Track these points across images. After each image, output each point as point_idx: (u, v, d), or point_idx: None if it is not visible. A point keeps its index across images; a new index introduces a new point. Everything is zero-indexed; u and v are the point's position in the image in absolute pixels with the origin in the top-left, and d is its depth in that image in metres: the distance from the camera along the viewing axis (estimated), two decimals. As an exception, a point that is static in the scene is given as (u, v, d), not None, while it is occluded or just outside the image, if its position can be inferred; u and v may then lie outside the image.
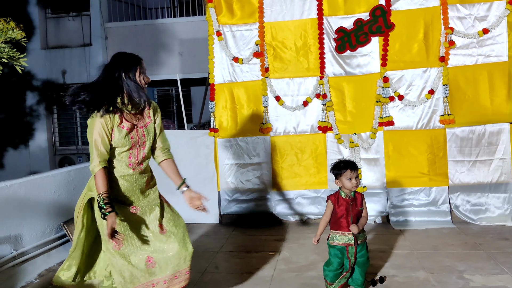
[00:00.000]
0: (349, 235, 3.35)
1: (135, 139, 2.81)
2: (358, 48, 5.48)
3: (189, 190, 3.10)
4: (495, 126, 5.28)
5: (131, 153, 2.83)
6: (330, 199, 3.43)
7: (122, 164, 2.82)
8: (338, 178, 3.40)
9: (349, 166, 3.37)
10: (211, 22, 5.70)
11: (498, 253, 4.28)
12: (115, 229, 2.62)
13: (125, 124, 2.77)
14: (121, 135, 2.75)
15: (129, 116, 2.81)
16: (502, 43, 5.24)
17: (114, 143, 2.77)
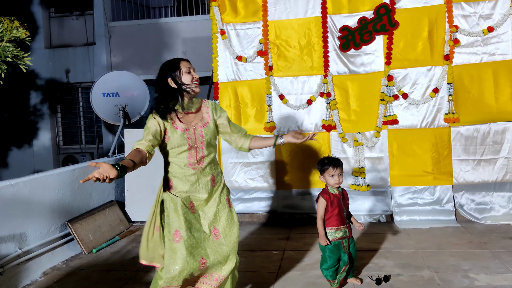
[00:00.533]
0: (344, 228, 3.44)
1: (192, 139, 2.85)
2: (362, 46, 5.47)
3: (285, 135, 3.05)
4: (500, 125, 5.25)
5: (190, 153, 2.85)
6: (323, 196, 3.45)
7: (182, 164, 2.86)
8: (322, 174, 3.46)
9: (332, 163, 3.41)
10: (215, 21, 5.70)
11: (503, 252, 4.26)
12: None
13: (179, 125, 2.83)
14: (177, 135, 2.82)
15: (184, 118, 2.88)
16: (507, 42, 5.21)
17: (171, 144, 2.84)
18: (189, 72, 2.85)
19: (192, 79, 2.85)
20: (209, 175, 2.94)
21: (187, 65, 2.87)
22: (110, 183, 2.51)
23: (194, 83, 2.86)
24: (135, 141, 2.79)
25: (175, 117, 2.84)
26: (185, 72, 2.84)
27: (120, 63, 11.75)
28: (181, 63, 2.86)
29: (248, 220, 5.83)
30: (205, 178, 2.91)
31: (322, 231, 3.42)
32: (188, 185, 2.86)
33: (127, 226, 5.79)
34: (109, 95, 6.71)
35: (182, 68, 2.84)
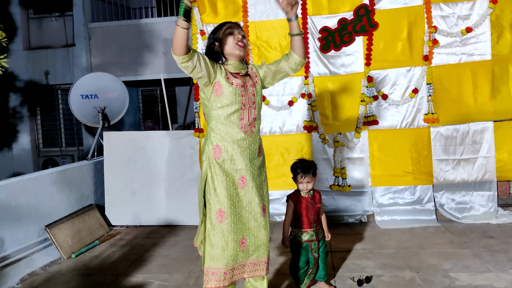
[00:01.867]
0: (311, 232, 3.44)
1: (246, 97, 2.67)
2: (342, 47, 5.48)
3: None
4: (479, 125, 5.30)
5: (242, 114, 2.66)
6: (291, 198, 3.48)
7: (234, 127, 2.64)
8: (294, 180, 3.51)
9: (302, 170, 3.42)
10: (194, 22, 5.65)
11: (484, 251, 4.30)
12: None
13: (234, 80, 2.66)
14: (231, 90, 2.63)
15: (236, 76, 2.72)
16: (485, 42, 5.27)
17: (222, 100, 2.63)
18: (231, 33, 2.69)
19: (234, 41, 2.68)
20: (258, 142, 2.81)
21: (232, 27, 2.73)
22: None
23: (237, 44, 2.68)
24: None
25: (229, 72, 2.68)
26: (227, 34, 2.69)
27: (100, 64, 11.61)
28: (229, 26, 2.72)
29: (230, 222, 5.78)
30: (255, 146, 2.77)
31: (286, 233, 3.47)
32: (239, 151, 2.66)
33: (107, 230, 5.71)
34: (88, 97, 6.61)
35: (226, 31, 2.69)
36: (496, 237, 4.68)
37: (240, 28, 2.77)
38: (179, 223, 5.82)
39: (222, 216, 2.64)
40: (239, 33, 2.72)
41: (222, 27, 2.72)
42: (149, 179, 5.85)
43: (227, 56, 2.72)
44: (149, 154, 5.84)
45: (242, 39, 2.70)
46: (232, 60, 2.73)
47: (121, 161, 5.88)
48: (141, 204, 5.87)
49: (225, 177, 2.66)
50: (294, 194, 3.51)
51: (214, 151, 2.66)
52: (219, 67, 2.64)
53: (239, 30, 2.74)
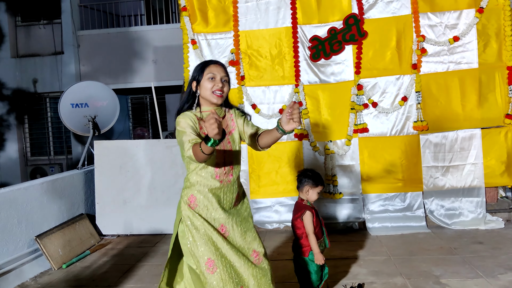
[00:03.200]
0: (321, 242, 3.38)
1: (220, 147, 2.53)
2: (332, 56, 5.53)
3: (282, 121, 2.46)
4: (467, 132, 5.39)
5: (217, 166, 2.53)
6: (309, 210, 3.32)
7: (208, 176, 2.53)
8: (310, 188, 3.33)
9: (316, 180, 3.34)
10: (185, 31, 5.67)
11: (473, 257, 4.35)
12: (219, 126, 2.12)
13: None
14: None
15: None
16: (472, 51, 5.37)
17: None
18: (212, 78, 2.52)
19: (212, 88, 2.52)
20: (236, 191, 2.65)
21: (214, 70, 2.54)
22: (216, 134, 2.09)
23: (214, 93, 2.52)
24: (186, 152, 2.35)
25: (202, 121, 2.52)
26: (208, 79, 2.52)
27: (89, 72, 11.57)
28: (209, 67, 2.55)
29: (222, 230, 5.78)
30: (231, 195, 2.62)
31: (316, 247, 3.26)
32: (214, 200, 2.53)
33: (98, 239, 5.67)
34: (78, 106, 6.58)
35: (207, 73, 2.53)
36: (485, 243, 4.74)
37: (224, 71, 2.59)
38: (170, 232, 5.79)
39: (213, 265, 2.45)
40: (222, 79, 2.55)
41: (205, 67, 2.56)
42: (140, 187, 5.83)
43: (202, 100, 2.59)
44: (140, 163, 5.83)
45: (222, 88, 2.54)
46: (207, 106, 2.58)
47: (112, 170, 5.86)
48: (132, 213, 5.84)
49: (207, 225, 2.50)
50: (305, 205, 3.36)
51: (190, 200, 2.56)
52: (192, 119, 2.48)
53: (222, 75, 2.56)
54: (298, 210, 3.38)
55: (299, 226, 3.35)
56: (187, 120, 2.45)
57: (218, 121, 2.10)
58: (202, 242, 2.46)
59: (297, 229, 3.37)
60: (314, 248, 3.27)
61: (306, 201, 3.39)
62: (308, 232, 3.30)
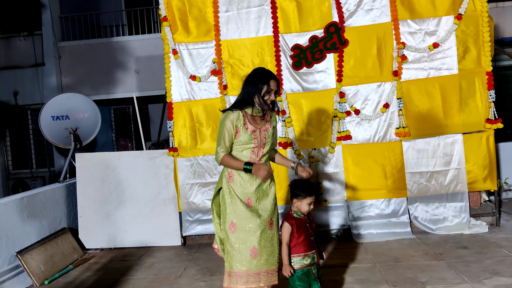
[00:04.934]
0: (312, 254, 3.27)
1: (258, 139, 3.24)
2: (314, 64, 5.55)
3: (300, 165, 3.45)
4: (449, 137, 5.43)
5: (253, 151, 3.24)
6: (288, 221, 3.25)
7: (244, 159, 3.22)
8: (297, 200, 3.26)
9: (307, 191, 3.24)
10: (166, 41, 5.64)
11: (458, 262, 4.37)
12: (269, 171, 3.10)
13: (249, 126, 3.21)
14: (246, 135, 3.20)
15: (253, 121, 3.25)
16: (452, 57, 5.42)
17: (239, 141, 3.22)
18: (271, 90, 3.20)
19: (268, 98, 3.22)
20: None
21: (273, 86, 3.19)
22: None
23: (268, 102, 3.23)
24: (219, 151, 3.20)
25: (247, 117, 3.23)
26: (267, 91, 3.19)
27: (71, 84, 11.46)
28: (272, 81, 3.20)
29: (207, 241, 5.74)
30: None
31: (286, 259, 3.20)
32: (247, 178, 3.21)
33: (81, 254, 5.57)
34: (59, 118, 6.49)
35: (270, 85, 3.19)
36: (469, 248, 4.77)
37: (278, 86, 3.26)
38: (155, 244, 5.72)
39: (234, 227, 3.19)
40: (275, 93, 3.24)
41: (268, 79, 3.19)
42: (123, 200, 5.76)
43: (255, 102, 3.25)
44: (123, 175, 5.76)
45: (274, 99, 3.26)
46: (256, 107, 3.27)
47: (94, 182, 5.78)
48: (115, 226, 5.76)
49: (236, 197, 3.21)
50: (289, 216, 3.29)
51: (229, 175, 3.26)
52: (239, 119, 3.20)
53: (276, 89, 3.24)
54: (282, 220, 3.33)
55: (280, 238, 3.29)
56: (230, 119, 3.19)
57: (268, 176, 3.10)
58: (231, 209, 3.21)
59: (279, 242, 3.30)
60: (285, 258, 3.21)
61: (295, 212, 3.30)
62: (282, 243, 3.24)
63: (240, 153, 3.24)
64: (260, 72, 3.28)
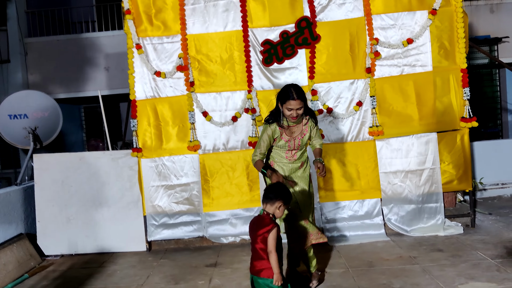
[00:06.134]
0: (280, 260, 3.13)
1: (291, 146, 3.90)
2: (285, 60, 5.33)
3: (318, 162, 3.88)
4: (424, 136, 5.28)
5: (287, 152, 3.94)
6: (276, 226, 3.07)
7: (281, 157, 3.96)
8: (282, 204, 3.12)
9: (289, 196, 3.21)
10: (130, 35, 5.34)
11: (433, 266, 4.20)
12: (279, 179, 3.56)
13: (285, 136, 3.87)
14: (281, 142, 3.89)
15: (289, 132, 3.87)
16: (426, 53, 5.27)
17: (277, 144, 3.93)
18: (290, 109, 3.68)
19: (289, 116, 3.72)
20: (299, 163, 4.01)
21: (292, 105, 3.66)
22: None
23: (290, 118, 3.76)
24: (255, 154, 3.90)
25: (283, 130, 3.85)
26: (287, 108, 3.70)
27: (38, 81, 11.04)
28: (289, 102, 3.67)
29: (174, 246, 5.47)
30: (295, 165, 3.99)
31: (278, 267, 3.03)
32: (282, 169, 3.95)
33: (39, 261, 5.24)
34: (16, 117, 6.12)
35: (287, 105, 3.69)
36: (444, 250, 4.62)
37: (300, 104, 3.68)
38: (119, 250, 5.43)
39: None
40: (297, 110, 3.70)
41: (286, 100, 3.69)
42: (85, 203, 5.44)
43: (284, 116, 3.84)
44: (84, 177, 5.44)
45: (297, 115, 3.73)
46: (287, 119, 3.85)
47: (53, 185, 5.45)
48: (77, 231, 5.45)
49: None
50: (271, 220, 3.10)
51: (271, 163, 4.02)
52: (275, 131, 3.85)
53: (298, 107, 3.69)
54: (263, 225, 3.08)
55: (264, 244, 3.06)
56: (267, 133, 3.86)
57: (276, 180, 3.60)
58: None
59: (260, 249, 3.07)
60: (275, 267, 3.03)
61: (272, 216, 3.12)
62: (270, 250, 3.03)
63: (278, 151, 3.95)
64: (282, 92, 3.76)
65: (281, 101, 3.74)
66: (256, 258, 3.10)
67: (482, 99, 10.25)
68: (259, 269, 3.09)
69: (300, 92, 3.70)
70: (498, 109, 10.79)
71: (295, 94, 3.65)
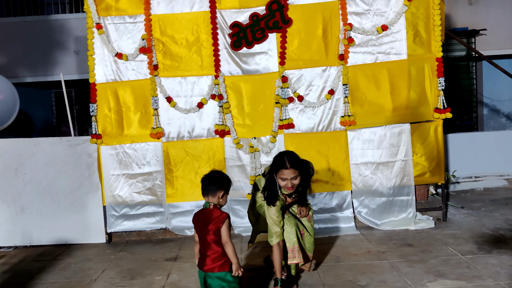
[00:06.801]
0: None
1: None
2: (255, 45, 5.08)
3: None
4: (396, 127, 5.10)
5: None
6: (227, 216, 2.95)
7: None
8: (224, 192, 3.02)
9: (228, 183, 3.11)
10: (89, 14, 5.02)
11: (401, 262, 4.03)
12: None
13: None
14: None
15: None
16: (401, 41, 5.07)
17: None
18: (284, 179, 3.35)
19: (284, 186, 3.38)
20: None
21: (286, 175, 3.32)
22: None
23: (285, 189, 3.40)
24: (276, 232, 3.50)
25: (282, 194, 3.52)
26: (280, 178, 3.37)
27: (4, 64, 10.53)
28: (282, 171, 3.33)
29: (135, 238, 5.21)
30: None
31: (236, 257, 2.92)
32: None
33: (-11, 253, 4.93)
34: (-33, 101, 5.75)
35: (280, 175, 3.35)
36: (414, 245, 4.46)
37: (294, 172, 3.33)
38: (77, 242, 5.15)
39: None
40: (291, 180, 3.35)
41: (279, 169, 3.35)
42: (41, 192, 5.14)
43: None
44: (40, 164, 5.12)
45: (292, 186, 3.37)
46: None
47: (6, 172, 5.13)
48: (32, 221, 5.15)
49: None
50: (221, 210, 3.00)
51: None
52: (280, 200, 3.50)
53: (293, 177, 3.34)
54: (215, 217, 2.92)
55: (217, 236, 2.90)
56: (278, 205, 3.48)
57: None
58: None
59: (214, 242, 2.90)
60: (233, 257, 2.90)
61: (219, 206, 2.99)
62: (225, 240, 2.90)
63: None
64: (275, 160, 3.43)
65: (275, 170, 3.38)
66: (210, 252, 2.91)
67: (459, 91, 10.14)
68: (214, 265, 2.90)
69: (294, 160, 3.34)
70: (474, 102, 10.73)
71: (287, 163, 3.29)
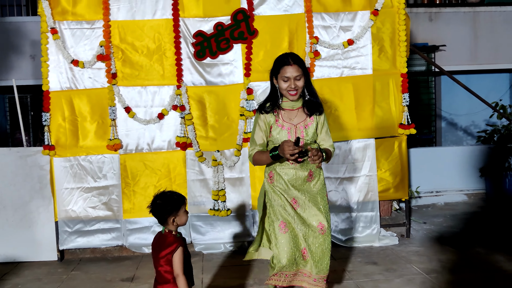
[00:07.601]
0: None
1: (293, 138, 3.01)
2: (219, 55, 4.92)
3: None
4: (361, 142, 5.05)
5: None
6: (180, 244, 2.69)
7: (283, 160, 3.01)
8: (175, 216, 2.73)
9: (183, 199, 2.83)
10: (44, 17, 4.75)
11: (367, 282, 3.94)
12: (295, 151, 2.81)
13: (284, 124, 3.07)
14: (278, 132, 3.06)
15: (286, 115, 3.09)
16: (367, 56, 5.04)
17: (274, 140, 3.09)
18: (286, 79, 2.98)
19: (287, 88, 3.00)
20: (306, 170, 3.08)
21: (289, 73, 2.98)
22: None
23: (289, 92, 3.02)
24: (252, 148, 3.14)
25: (279, 113, 3.09)
26: (283, 79, 3.00)
27: (-45, 67, 10.02)
28: (284, 69, 2.99)
29: (90, 256, 4.93)
30: (302, 173, 3.06)
31: None
32: (286, 178, 3.05)
33: None
34: None
35: (282, 74, 3.01)
36: (379, 263, 4.39)
37: (298, 70, 2.99)
38: (25, 259, 4.83)
39: (285, 227, 3.05)
40: (295, 80, 2.99)
41: (281, 67, 3.02)
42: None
43: (282, 93, 3.10)
44: (-14, 176, 4.79)
45: (295, 87, 3.00)
46: (286, 99, 3.10)
47: None
48: (-24, 237, 4.79)
49: (280, 197, 3.07)
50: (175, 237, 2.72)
51: (269, 176, 3.14)
52: (271, 114, 3.09)
53: (296, 76, 2.99)
54: (166, 245, 2.69)
55: (169, 266, 2.67)
56: (261, 123, 3.10)
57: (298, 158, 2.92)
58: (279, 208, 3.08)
59: (165, 272, 2.68)
60: None
61: (175, 231, 2.75)
62: (177, 273, 2.66)
63: None
64: (275, 62, 3.12)
65: (275, 72, 3.06)
66: (161, 282, 2.70)
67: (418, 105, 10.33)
68: None
69: (296, 58, 3.05)
70: (433, 116, 10.95)
71: (290, 59, 3.01)
